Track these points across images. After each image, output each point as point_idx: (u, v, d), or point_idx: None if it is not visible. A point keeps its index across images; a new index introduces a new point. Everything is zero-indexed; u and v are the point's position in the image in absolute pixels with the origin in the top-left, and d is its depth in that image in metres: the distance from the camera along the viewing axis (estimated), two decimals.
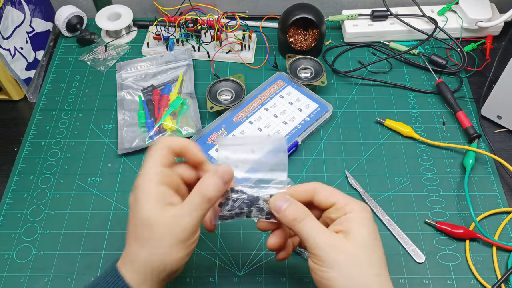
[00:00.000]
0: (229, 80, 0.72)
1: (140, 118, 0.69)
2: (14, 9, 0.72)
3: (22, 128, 0.72)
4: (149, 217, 0.39)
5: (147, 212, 0.40)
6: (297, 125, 0.68)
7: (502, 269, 0.57)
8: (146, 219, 0.40)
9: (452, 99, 0.71)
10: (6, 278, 0.57)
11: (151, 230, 0.39)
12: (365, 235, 0.40)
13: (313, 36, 0.76)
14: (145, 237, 0.40)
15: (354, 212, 0.41)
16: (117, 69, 0.76)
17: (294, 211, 0.41)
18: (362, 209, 0.42)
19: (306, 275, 0.56)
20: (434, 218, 0.61)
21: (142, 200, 0.40)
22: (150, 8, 0.86)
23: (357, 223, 0.40)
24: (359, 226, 0.40)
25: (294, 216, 0.41)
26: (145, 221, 0.40)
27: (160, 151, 0.42)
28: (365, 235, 0.40)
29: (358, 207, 0.42)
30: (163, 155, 0.42)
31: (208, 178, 0.41)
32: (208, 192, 0.41)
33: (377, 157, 0.67)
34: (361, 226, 0.40)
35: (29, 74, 0.75)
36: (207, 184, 0.41)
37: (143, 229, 0.40)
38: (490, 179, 0.64)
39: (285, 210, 0.41)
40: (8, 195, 0.64)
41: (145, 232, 0.40)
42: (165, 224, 0.39)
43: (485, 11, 0.78)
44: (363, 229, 0.40)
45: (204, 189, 0.41)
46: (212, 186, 0.41)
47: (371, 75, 0.77)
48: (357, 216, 0.41)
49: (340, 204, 0.42)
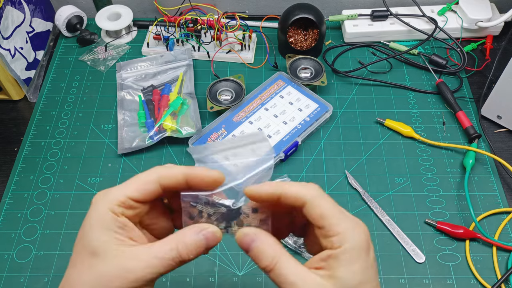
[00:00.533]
0: (229, 80, 0.72)
1: (140, 118, 0.69)
2: (14, 9, 0.72)
3: (22, 128, 0.72)
4: (98, 246, 0.31)
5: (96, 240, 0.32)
6: (297, 125, 0.68)
7: (502, 269, 0.57)
8: (93, 247, 0.32)
9: (452, 99, 0.71)
10: (6, 278, 0.57)
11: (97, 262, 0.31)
12: (353, 281, 0.32)
13: (313, 36, 0.76)
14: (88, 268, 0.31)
15: (344, 248, 0.32)
16: (117, 69, 0.76)
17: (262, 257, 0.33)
18: (356, 243, 0.32)
19: None
20: (434, 218, 0.61)
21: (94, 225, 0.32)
22: (150, 8, 0.86)
23: (344, 266, 0.32)
24: (346, 270, 0.32)
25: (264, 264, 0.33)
26: (90, 249, 0.32)
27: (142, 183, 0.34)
28: (353, 281, 0.32)
29: (351, 241, 0.32)
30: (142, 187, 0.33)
31: (191, 235, 0.33)
32: (186, 253, 0.32)
33: (377, 157, 0.67)
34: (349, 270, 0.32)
35: (29, 74, 0.75)
36: (188, 243, 0.32)
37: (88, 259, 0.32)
38: (490, 179, 0.64)
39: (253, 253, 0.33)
40: (8, 195, 0.64)
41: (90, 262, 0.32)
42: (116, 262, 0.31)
43: (485, 11, 0.78)
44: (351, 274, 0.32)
45: (183, 246, 0.32)
46: (193, 247, 0.32)
47: (371, 75, 0.77)
48: (347, 254, 0.32)
49: (329, 232, 0.32)
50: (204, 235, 0.33)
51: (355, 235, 0.32)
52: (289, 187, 0.34)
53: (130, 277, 0.31)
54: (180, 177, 0.34)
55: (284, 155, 0.65)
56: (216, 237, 0.33)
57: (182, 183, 0.34)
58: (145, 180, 0.33)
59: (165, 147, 0.68)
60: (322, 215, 0.33)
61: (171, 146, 0.68)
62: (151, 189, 0.33)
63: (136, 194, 0.33)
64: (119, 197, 0.33)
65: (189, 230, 0.33)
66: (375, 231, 0.60)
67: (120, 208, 0.33)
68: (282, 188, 0.34)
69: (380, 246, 0.59)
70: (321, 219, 0.33)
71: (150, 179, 0.33)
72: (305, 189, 0.34)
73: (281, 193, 0.34)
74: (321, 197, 0.33)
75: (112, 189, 0.33)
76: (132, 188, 0.33)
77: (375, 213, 0.61)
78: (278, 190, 0.34)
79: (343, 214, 0.33)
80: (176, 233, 0.33)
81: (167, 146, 0.69)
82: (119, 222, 0.32)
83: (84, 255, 0.32)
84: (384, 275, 0.56)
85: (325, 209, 0.33)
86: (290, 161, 0.67)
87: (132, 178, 0.34)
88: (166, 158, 0.67)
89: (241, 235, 0.34)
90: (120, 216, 0.33)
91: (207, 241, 0.33)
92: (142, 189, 0.33)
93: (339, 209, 0.33)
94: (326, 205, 0.33)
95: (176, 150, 0.68)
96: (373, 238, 0.59)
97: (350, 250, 0.32)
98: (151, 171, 0.34)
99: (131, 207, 0.33)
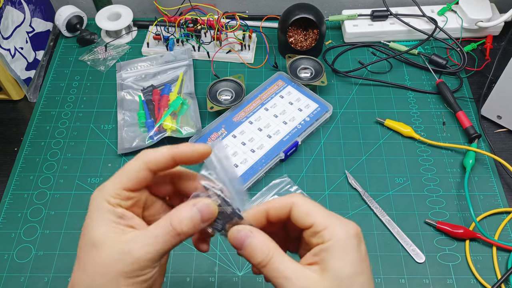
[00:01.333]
0: (229, 80, 0.72)
1: (140, 118, 0.69)
2: (14, 9, 0.72)
3: (22, 128, 0.72)
4: (98, 237, 0.32)
5: (96, 231, 0.32)
6: (297, 125, 0.68)
7: (502, 269, 0.57)
8: (93, 239, 0.32)
9: (452, 99, 0.71)
10: (6, 278, 0.57)
11: (97, 252, 0.32)
12: (345, 272, 0.32)
13: (313, 36, 0.76)
14: (90, 260, 0.32)
15: (334, 240, 0.32)
16: (117, 69, 0.76)
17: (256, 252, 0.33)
18: (345, 235, 0.33)
19: None
20: (434, 218, 0.61)
21: (94, 218, 0.33)
22: (150, 8, 0.86)
23: (336, 258, 0.32)
24: (338, 261, 0.32)
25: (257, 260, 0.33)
26: (91, 241, 0.32)
27: (132, 172, 0.34)
28: (345, 272, 0.32)
29: (341, 233, 0.33)
30: (132, 175, 0.34)
31: (185, 209, 0.33)
32: (179, 226, 0.32)
33: (377, 157, 0.67)
34: (341, 261, 0.32)
35: (29, 74, 0.75)
36: (182, 217, 0.33)
37: (89, 251, 0.32)
38: (490, 179, 0.64)
39: (246, 250, 0.33)
40: (8, 195, 0.64)
41: (90, 254, 0.32)
42: (115, 248, 0.32)
43: (485, 11, 0.78)
44: (343, 265, 0.32)
45: (176, 220, 0.33)
46: (187, 220, 0.33)
47: (371, 75, 0.77)
48: (338, 246, 0.32)
49: (318, 227, 0.33)
50: (198, 208, 0.33)
51: (344, 227, 0.33)
52: (274, 201, 0.36)
53: (129, 259, 0.31)
54: (168, 158, 0.35)
55: (284, 155, 0.65)
56: (210, 208, 0.34)
57: (170, 163, 0.35)
58: (134, 168, 0.34)
59: None
60: (308, 213, 0.34)
61: None
62: (142, 176, 0.34)
63: (129, 184, 0.34)
64: (113, 189, 0.34)
65: (183, 205, 0.34)
66: (375, 231, 0.60)
67: (116, 199, 0.33)
68: (267, 205, 0.35)
69: (380, 246, 0.59)
70: (308, 217, 0.34)
71: (139, 166, 0.34)
72: (288, 197, 0.35)
73: (266, 208, 0.35)
74: (306, 199, 0.35)
75: (106, 183, 0.34)
76: (124, 179, 0.34)
77: (375, 213, 0.61)
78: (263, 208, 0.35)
79: (329, 212, 0.34)
80: (170, 211, 0.34)
81: None
82: (117, 213, 0.33)
83: (86, 248, 0.32)
84: (384, 275, 0.56)
85: (311, 207, 0.34)
86: (290, 161, 0.67)
87: (121, 169, 0.35)
88: None
89: (234, 232, 0.34)
90: (117, 207, 0.33)
91: (201, 213, 0.33)
92: (134, 177, 0.34)
93: (324, 209, 0.35)
94: (311, 204, 0.35)
95: None
96: (373, 238, 0.59)
97: (341, 241, 0.32)
98: (138, 158, 0.35)
99: (128, 198, 0.34)
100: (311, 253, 0.34)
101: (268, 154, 0.65)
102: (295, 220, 0.35)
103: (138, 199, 0.35)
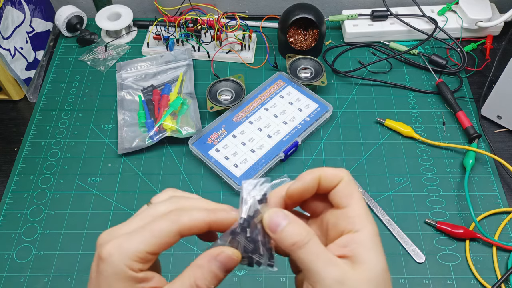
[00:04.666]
0: (229, 80, 0.72)
1: (140, 118, 0.69)
2: (14, 9, 0.72)
3: (22, 128, 0.72)
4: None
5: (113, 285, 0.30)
6: (297, 125, 0.68)
7: (502, 269, 0.57)
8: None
9: (452, 99, 0.71)
10: (6, 278, 0.57)
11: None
12: (378, 268, 0.31)
13: (313, 36, 0.76)
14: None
15: (366, 232, 0.31)
16: (117, 69, 0.76)
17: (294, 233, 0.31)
18: (374, 230, 0.32)
19: None
20: (434, 218, 0.61)
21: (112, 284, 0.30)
22: (150, 8, 0.86)
23: (369, 251, 0.31)
24: (372, 255, 0.31)
25: (293, 240, 0.31)
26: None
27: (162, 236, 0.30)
28: (378, 268, 0.31)
29: (371, 227, 0.32)
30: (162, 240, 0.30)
31: (205, 265, 0.31)
32: (201, 283, 0.30)
33: (377, 157, 0.67)
34: (375, 255, 0.31)
35: (29, 74, 0.75)
36: (203, 273, 0.30)
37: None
38: (490, 179, 0.64)
39: (282, 231, 0.31)
40: (8, 195, 0.64)
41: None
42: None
43: (485, 11, 0.78)
44: (375, 260, 0.31)
45: (198, 278, 0.30)
46: (208, 276, 0.30)
47: (371, 75, 0.77)
48: (370, 239, 0.31)
49: (352, 212, 0.32)
50: (220, 261, 0.31)
51: (373, 222, 0.32)
52: (325, 169, 0.34)
53: None
54: (203, 225, 0.32)
55: (284, 155, 0.65)
56: (233, 260, 0.31)
57: (204, 230, 0.32)
58: (165, 232, 0.30)
59: (165, 147, 0.68)
60: (351, 194, 0.33)
61: (171, 146, 0.68)
62: (171, 241, 0.31)
63: (155, 248, 0.30)
64: (136, 252, 0.29)
65: (203, 260, 0.31)
66: None
67: (139, 264, 0.30)
68: (320, 171, 0.33)
69: None
70: (350, 197, 0.32)
71: (171, 231, 0.30)
72: (340, 170, 0.34)
73: (320, 174, 0.33)
74: (352, 179, 0.34)
75: (128, 242, 0.30)
76: (151, 241, 0.30)
77: (375, 213, 0.61)
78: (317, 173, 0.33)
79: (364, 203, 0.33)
80: (191, 265, 0.31)
81: (167, 146, 0.69)
82: (139, 278, 0.30)
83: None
84: None
85: (355, 190, 0.33)
86: (290, 161, 0.67)
87: (148, 226, 0.30)
88: (166, 158, 0.67)
89: (271, 214, 0.32)
90: (139, 272, 0.30)
91: (224, 267, 0.31)
92: (163, 242, 0.30)
93: (362, 197, 0.34)
94: (356, 187, 0.33)
95: (176, 150, 0.68)
96: None
97: (372, 236, 0.31)
98: (171, 221, 0.31)
99: (151, 260, 0.31)
100: (338, 244, 0.32)
101: (268, 154, 0.65)
102: (335, 195, 0.33)
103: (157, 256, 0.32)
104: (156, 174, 0.66)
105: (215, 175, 0.65)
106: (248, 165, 0.64)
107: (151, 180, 0.65)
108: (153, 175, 0.66)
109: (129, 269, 0.29)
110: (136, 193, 0.64)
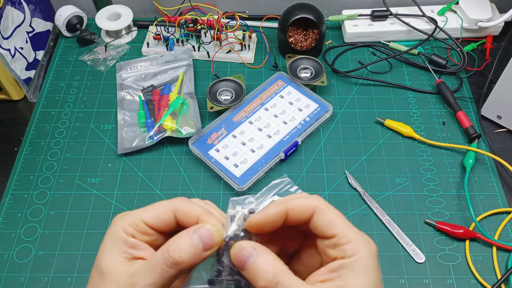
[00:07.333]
0: (229, 80, 0.72)
1: (140, 118, 0.69)
2: (14, 9, 0.72)
3: (22, 128, 0.72)
4: (105, 266, 0.31)
5: (105, 259, 0.32)
6: (297, 125, 0.68)
7: (502, 269, 0.57)
8: (101, 268, 0.31)
9: (452, 99, 0.71)
10: (6, 278, 0.57)
11: (104, 284, 0.31)
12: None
13: (313, 36, 0.76)
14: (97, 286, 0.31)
15: (357, 257, 0.30)
16: (117, 69, 0.76)
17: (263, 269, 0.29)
18: (368, 254, 0.30)
19: None
20: (434, 218, 0.61)
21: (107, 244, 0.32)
22: (150, 8, 0.86)
23: (357, 277, 0.30)
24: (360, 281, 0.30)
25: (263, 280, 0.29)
26: (99, 270, 0.31)
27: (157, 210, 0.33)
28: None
29: (364, 251, 0.30)
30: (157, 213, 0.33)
31: (182, 237, 0.31)
32: (177, 254, 0.30)
33: (377, 157, 0.67)
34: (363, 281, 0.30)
35: (29, 74, 0.75)
36: (179, 244, 0.30)
37: (98, 284, 0.31)
38: (490, 179, 0.64)
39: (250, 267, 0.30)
40: (8, 195, 0.64)
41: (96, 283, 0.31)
42: (121, 282, 0.30)
43: (485, 11, 0.78)
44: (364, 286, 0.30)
45: (173, 248, 0.30)
46: (186, 247, 0.30)
47: (371, 75, 0.77)
48: (361, 265, 0.30)
49: (341, 239, 0.30)
50: (198, 234, 0.30)
51: (367, 245, 0.31)
52: (294, 200, 0.32)
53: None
54: (195, 219, 0.32)
55: (284, 155, 0.65)
56: (211, 234, 0.31)
57: (193, 221, 0.32)
58: (162, 208, 0.33)
59: (165, 147, 0.68)
60: (332, 222, 0.31)
61: (171, 146, 0.68)
62: (165, 218, 0.32)
63: (150, 219, 0.32)
64: (133, 219, 0.32)
65: (183, 232, 0.31)
66: (375, 231, 0.60)
67: (133, 230, 0.32)
68: (287, 204, 0.32)
69: (380, 246, 0.59)
70: (332, 226, 0.31)
71: (167, 208, 0.33)
72: (310, 199, 0.32)
73: (287, 208, 0.31)
74: (328, 205, 0.32)
75: (131, 212, 0.33)
76: (148, 214, 0.33)
77: (375, 213, 0.61)
78: (283, 206, 0.32)
79: (351, 225, 0.32)
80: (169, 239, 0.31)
81: (167, 146, 0.69)
82: (129, 242, 0.32)
83: (94, 276, 0.32)
84: (384, 275, 0.56)
85: (335, 215, 0.31)
86: (290, 161, 0.67)
87: (152, 204, 0.33)
88: (166, 158, 0.67)
89: (237, 249, 0.30)
90: (130, 237, 0.32)
91: (201, 239, 0.30)
92: (157, 216, 0.32)
93: (346, 218, 0.32)
94: (335, 212, 0.32)
95: (176, 150, 0.68)
96: (373, 238, 0.59)
97: (364, 260, 0.30)
98: (171, 201, 0.33)
99: (145, 233, 0.32)
100: (327, 268, 0.30)
101: (268, 154, 0.65)
102: (315, 227, 0.31)
103: (156, 239, 0.33)
104: (156, 174, 0.66)
105: (215, 175, 0.65)
106: (248, 165, 0.64)
107: (151, 180, 0.65)
108: (153, 175, 0.66)
109: (122, 231, 0.32)
110: (136, 193, 0.64)
